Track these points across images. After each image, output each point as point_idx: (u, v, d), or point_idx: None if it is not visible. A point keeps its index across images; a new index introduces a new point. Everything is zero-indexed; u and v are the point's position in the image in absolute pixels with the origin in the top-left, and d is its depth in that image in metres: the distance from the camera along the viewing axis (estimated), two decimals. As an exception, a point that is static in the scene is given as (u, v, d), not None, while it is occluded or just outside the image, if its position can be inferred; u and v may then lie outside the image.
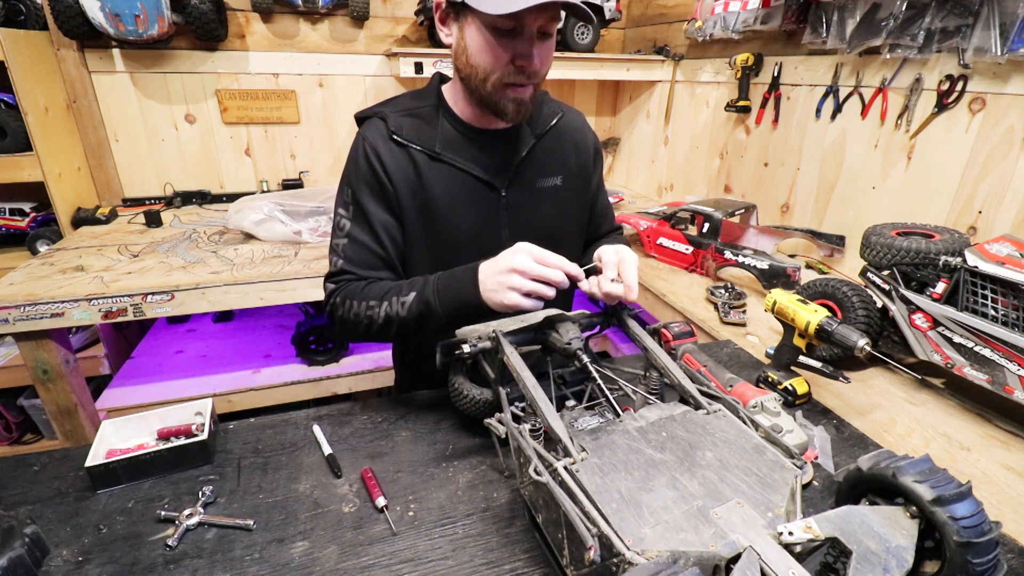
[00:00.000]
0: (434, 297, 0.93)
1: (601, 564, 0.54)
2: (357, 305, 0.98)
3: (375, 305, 0.96)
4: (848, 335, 0.99)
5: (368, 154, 1.01)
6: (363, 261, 1.02)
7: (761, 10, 2.01)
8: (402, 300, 0.95)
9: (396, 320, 0.95)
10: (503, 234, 1.08)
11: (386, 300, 0.96)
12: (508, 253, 0.88)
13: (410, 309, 0.94)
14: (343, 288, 1.01)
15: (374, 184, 1.01)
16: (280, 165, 2.73)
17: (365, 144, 1.02)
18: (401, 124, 1.03)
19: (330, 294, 1.03)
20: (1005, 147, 1.45)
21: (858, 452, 0.96)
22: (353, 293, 0.99)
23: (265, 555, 0.74)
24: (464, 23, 0.94)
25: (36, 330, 1.63)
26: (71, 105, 2.29)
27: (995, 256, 1.08)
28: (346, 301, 0.99)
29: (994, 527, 0.56)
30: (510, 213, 1.08)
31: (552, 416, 0.69)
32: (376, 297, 0.97)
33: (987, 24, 1.40)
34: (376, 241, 1.02)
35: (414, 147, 1.02)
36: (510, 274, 0.86)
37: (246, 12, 2.44)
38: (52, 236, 2.19)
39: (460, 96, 1.06)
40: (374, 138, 1.02)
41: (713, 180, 2.54)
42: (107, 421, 0.94)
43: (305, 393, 2.19)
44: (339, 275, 1.03)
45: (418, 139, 1.02)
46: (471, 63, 0.95)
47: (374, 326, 0.97)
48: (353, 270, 1.02)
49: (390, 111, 1.05)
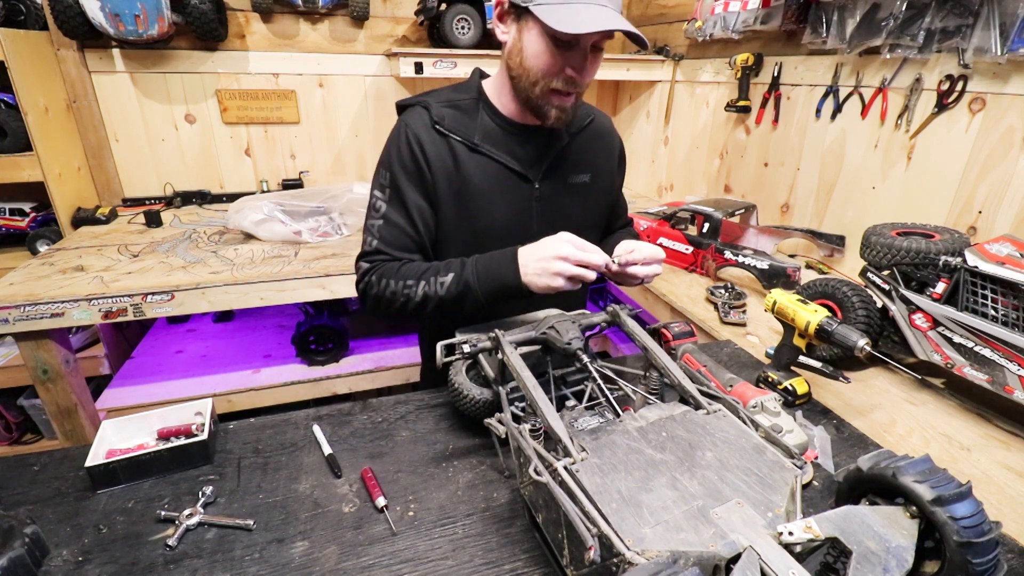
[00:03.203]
0: (474, 279, 0.99)
1: (601, 564, 0.54)
2: (394, 284, 1.02)
3: (412, 284, 1.01)
4: (848, 335, 0.99)
5: (410, 141, 1.05)
6: (397, 242, 1.07)
7: (761, 10, 2.01)
8: (440, 280, 1.00)
9: (434, 299, 1.00)
10: (533, 225, 1.12)
11: (423, 280, 1.01)
12: (551, 241, 0.95)
13: (449, 289, 0.99)
14: (378, 268, 1.06)
15: (413, 170, 1.06)
16: (280, 165, 2.73)
17: (408, 131, 1.06)
18: (443, 114, 1.07)
19: (364, 273, 1.07)
20: (1005, 147, 1.45)
21: (858, 452, 0.96)
22: (389, 272, 1.04)
23: (265, 555, 0.74)
24: (524, 26, 0.97)
25: (36, 330, 1.62)
26: (71, 105, 2.29)
27: (995, 256, 1.08)
28: (382, 280, 1.04)
29: (994, 527, 0.56)
30: (541, 205, 1.13)
31: (552, 416, 0.69)
32: (413, 277, 1.02)
33: (987, 24, 1.40)
34: (411, 224, 1.07)
35: (454, 137, 1.06)
36: (555, 261, 0.93)
37: (246, 12, 2.44)
38: (52, 236, 2.18)
39: (503, 92, 1.10)
40: (417, 126, 1.06)
41: (713, 180, 2.54)
42: (107, 421, 0.94)
43: (305, 393, 2.19)
44: (373, 255, 1.07)
45: (458, 130, 1.07)
46: (524, 65, 0.99)
47: (410, 304, 1.02)
48: (387, 250, 1.07)
49: (433, 101, 1.09)
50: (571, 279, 0.94)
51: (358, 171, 2.86)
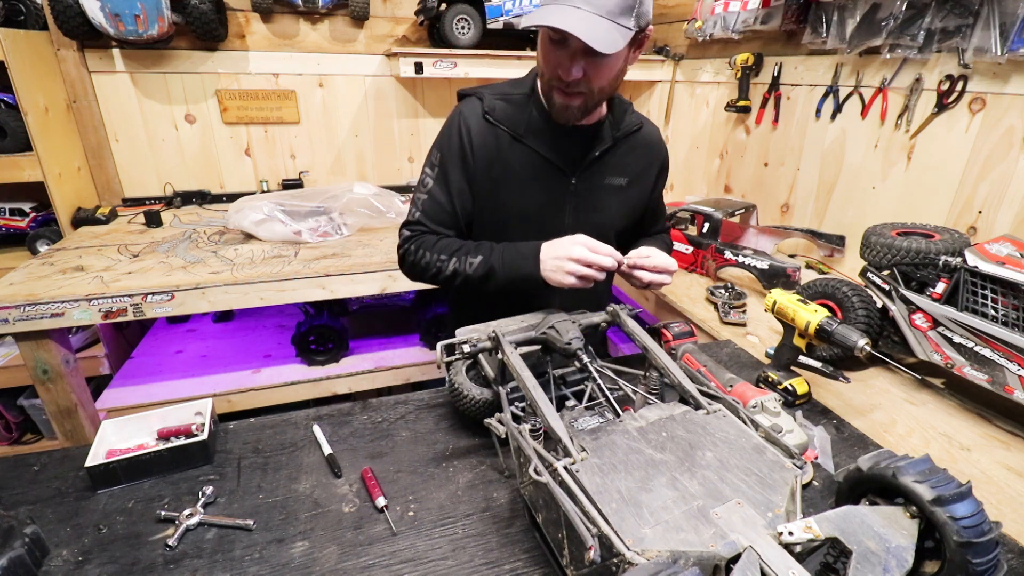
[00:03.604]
0: (499, 264, 1.09)
1: (601, 564, 0.54)
2: (429, 255, 1.13)
3: (445, 259, 1.12)
4: (848, 335, 0.99)
5: (461, 128, 1.14)
6: (436, 217, 1.17)
7: (761, 10, 2.01)
8: (470, 260, 1.10)
9: (462, 275, 1.11)
10: (567, 218, 1.19)
11: (455, 257, 1.11)
12: (567, 242, 1.04)
13: (476, 269, 1.10)
14: (418, 238, 1.17)
15: (459, 155, 1.15)
16: (280, 165, 2.73)
17: (461, 119, 1.15)
18: (494, 106, 1.15)
19: (405, 240, 1.19)
20: (1005, 147, 1.45)
21: (858, 452, 0.96)
22: (427, 244, 1.15)
23: (265, 555, 0.74)
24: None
25: (36, 330, 1.62)
26: (71, 105, 2.29)
27: (995, 256, 1.08)
28: (419, 250, 1.15)
29: (994, 527, 0.56)
30: (576, 199, 1.18)
31: (552, 416, 0.69)
32: (447, 252, 1.12)
33: (987, 24, 1.40)
34: (450, 203, 1.17)
35: (501, 127, 1.14)
36: (568, 261, 1.01)
37: (246, 12, 2.44)
38: (52, 236, 2.18)
39: None
40: (469, 114, 1.15)
41: (713, 180, 2.54)
42: (107, 421, 0.94)
43: (305, 393, 2.19)
44: (415, 224, 1.18)
45: (506, 121, 1.14)
46: (537, 62, 1.08)
47: (441, 275, 1.13)
48: (426, 223, 1.17)
49: (487, 93, 1.17)
50: (582, 278, 1.01)
51: (358, 171, 2.86)
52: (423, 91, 2.79)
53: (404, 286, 1.97)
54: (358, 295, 2.02)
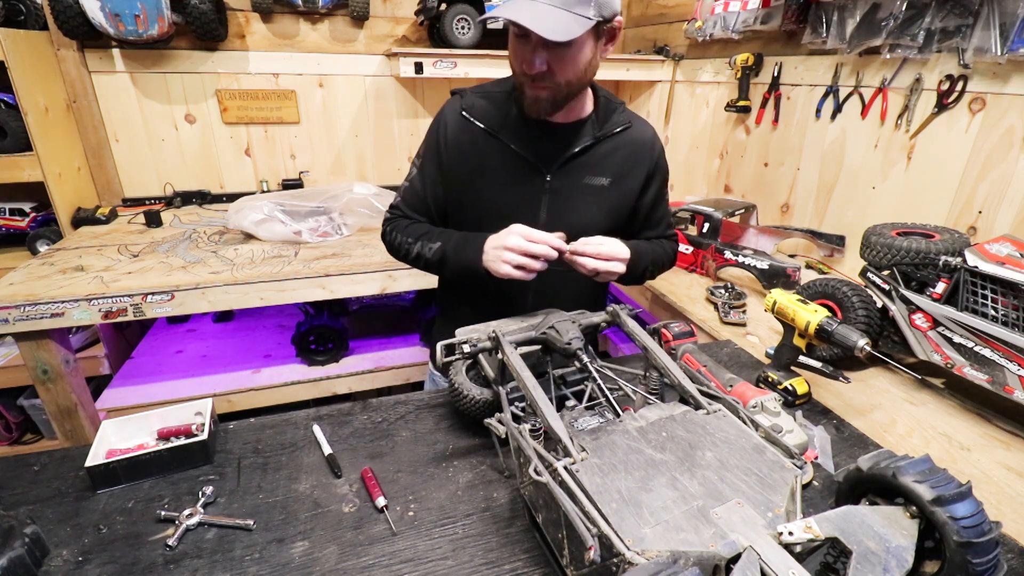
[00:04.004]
0: (451, 252, 1.14)
1: (601, 564, 0.54)
2: (400, 237, 1.22)
3: (412, 242, 1.20)
4: (848, 335, 0.99)
5: (440, 124, 1.21)
6: (412, 204, 1.26)
7: (761, 10, 2.01)
8: (430, 245, 1.17)
9: (423, 258, 1.19)
10: (542, 215, 1.20)
11: (420, 241, 1.19)
12: (503, 232, 1.06)
13: (434, 254, 1.16)
14: (395, 221, 1.27)
15: (435, 149, 1.22)
16: (280, 165, 2.73)
17: (441, 116, 1.22)
18: (474, 103, 1.19)
19: (385, 221, 1.29)
20: (1005, 147, 1.45)
21: (858, 452, 0.96)
22: (400, 227, 1.24)
23: (265, 555, 0.74)
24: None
25: (36, 330, 1.62)
26: (71, 105, 2.29)
27: (995, 256, 1.08)
28: (393, 232, 1.25)
29: (994, 527, 0.56)
30: (552, 198, 1.19)
31: (552, 416, 0.69)
32: (415, 236, 1.20)
33: (987, 24, 1.40)
34: (424, 192, 1.25)
35: (477, 124, 1.17)
36: (503, 250, 1.04)
37: (246, 12, 2.44)
38: (52, 236, 2.18)
39: None
40: (449, 111, 1.21)
41: (713, 180, 2.54)
42: (107, 421, 0.94)
43: (305, 393, 2.19)
44: (395, 208, 1.29)
45: (483, 118, 1.17)
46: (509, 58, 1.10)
47: (409, 256, 1.22)
48: (403, 208, 1.27)
49: (471, 91, 1.22)
50: (520, 267, 1.03)
51: (358, 171, 2.86)
52: (423, 91, 2.79)
53: (404, 286, 1.97)
54: (358, 295, 2.02)
